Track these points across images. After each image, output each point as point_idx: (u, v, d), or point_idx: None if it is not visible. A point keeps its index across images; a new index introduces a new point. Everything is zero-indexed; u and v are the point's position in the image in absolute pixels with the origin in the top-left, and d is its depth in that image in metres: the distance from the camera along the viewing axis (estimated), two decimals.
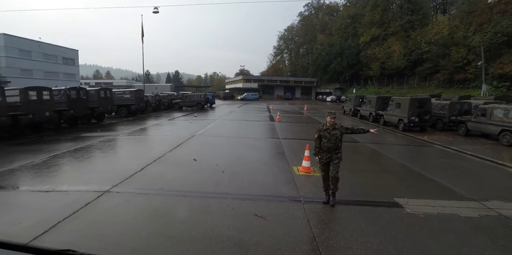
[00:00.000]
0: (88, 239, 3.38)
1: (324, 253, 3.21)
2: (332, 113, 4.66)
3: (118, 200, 4.53)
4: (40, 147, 9.35)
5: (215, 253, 3.13)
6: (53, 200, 4.58)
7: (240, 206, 4.39)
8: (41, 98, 12.58)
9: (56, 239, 3.37)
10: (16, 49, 42.91)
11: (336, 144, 4.61)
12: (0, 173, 6.24)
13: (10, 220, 3.91)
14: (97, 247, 3.19)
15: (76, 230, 3.59)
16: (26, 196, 4.86)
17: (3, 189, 5.21)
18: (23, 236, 3.38)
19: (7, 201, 4.66)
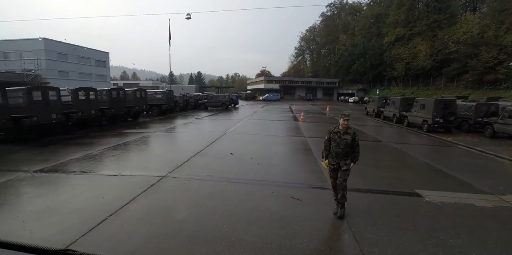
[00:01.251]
0: (162, 211, 4.29)
1: (353, 227, 3.90)
2: (346, 115, 4.25)
3: (176, 183, 5.46)
4: (91, 141, 10.60)
5: (265, 223, 3.92)
6: (123, 182, 5.58)
7: (279, 191, 5.16)
8: (88, 98, 14.03)
9: (135, 209, 4.31)
10: (54, 53, 46.15)
11: (345, 150, 4.21)
12: (69, 161, 7.41)
13: (95, 195, 4.91)
14: (170, 217, 4.08)
15: (150, 203, 4.52)
16: (99, 178, 5.90)
17: (78, 173, 6.30)
18: (110, 207, 4.34)
19: (85, 182, 5.71)
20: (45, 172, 6.40)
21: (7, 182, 5.73)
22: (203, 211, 4.25)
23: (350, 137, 4.19)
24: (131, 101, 17.80)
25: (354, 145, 4.24)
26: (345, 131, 4.23)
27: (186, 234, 3.59)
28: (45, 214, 4.15)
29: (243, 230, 3.75)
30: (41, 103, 11.28)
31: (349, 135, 4.20)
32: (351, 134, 4.21)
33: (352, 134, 4.22)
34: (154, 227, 3.73)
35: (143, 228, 3.71)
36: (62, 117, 12.22)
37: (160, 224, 3.83)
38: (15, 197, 4.95)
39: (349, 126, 4.29)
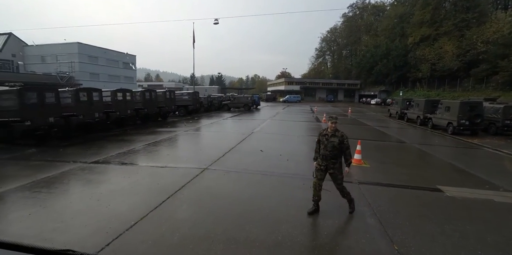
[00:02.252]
0: (211, 196, 5.01)
1: (378, 213, 4.41)
2: (333, 118, 4.33)
3: (217, 174, 6.19)
4: (130, 138, 11.63)
5: (301, 207, 4.53)
6: (171, 172, 6.38)
7: (309, 182, 5.71)
8: (125, 99, 15.21)
9: (188, 194, 5.05)
10: (86, 56, 48.97)
11: (332, 152, 4.23)
12: (117, 155, 8.35)
13: (150, 182, 5.73)
14: (218, 201, 4.77)
15: (199, 190, 5.26)
16: (148, 169, 6.74)
17: (129, 164, 7.18)
18: (166, 191, 5.11)
19: (137, 171, 6.55)
20: (99, 163, 7.34)
21: (70, 171, 6.68)
22: (245, 197, 4.94)
23: (337, 139, 4.20)
24: (161, 102, 18.94)
25: (343, 148, 4.22)
26: (333, 133, 4.26)
27: (235, 213, 4.27)
28: (114, 195, 4.98)
29: (284, 212, 4.39)
30: (86, 103, 12.50)
31: (337, 137, 4.21)
32: (339, 136, 4.22)
33: (340, 137, 4.22)
34: (207, 208, 4.44)
35: (199, 208, 4.44)
36: (103, 116, 13.41)
37: (212, 206, 4.53)
38: (83, 182, 5.85)
39: (338, 129, 4.32)
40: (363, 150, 7.83)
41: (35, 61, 47.52)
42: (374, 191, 5.48)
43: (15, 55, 46.18)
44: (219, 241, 3.46)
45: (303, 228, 3.86)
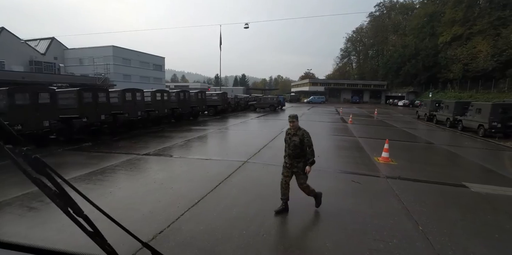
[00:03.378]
0: (255, 183, 5.78)
1: (405, 202, 4.95)
2: (291, 117, 4.29)
3: (257, 166, 6.97)
4: (170, 135, 12.71)
5: (336, 195, 5.18)
6: (216, 164, 7.24)
7: (341, 176, 6.37)
8: (163, 99, 16.46)
9: (235, 181, 5.86)
10: (120, 58, 51.88)
11: (295, 151, 4.25)
12: (164, 148, 9.38)
13: (200, 171, 6.61)
14: (262, 188, 5.52)
15: (244, 178, 6.07)
16: (196, 161, 7.65)
17: (177, 157, 8.14)
18: (216, 178, 5.94)
19: (186, 162, 7.47)
20: (150, 155, 8.37)
21: (128, 161, 7.73)
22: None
23: (298, 138, 4.20)
24: (193, 102, 20.13)
25: (304, 147, 4.21)
26: (295, 132, 4.26)
27: (278, 198, 4.99)
28: (173, 180, 5.88)
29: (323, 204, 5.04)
30: (130, 103, 13.80)
31: (298, 136, 4.21)
32: (299, 135, 4.21)
33: (301, 136, 4.20)
34: (254, 193, 5.22)
35: (247, 193, 5.23)
36: (144, 115, 14.68)
37: (258, 192, 5.30)
38: (142, 170, 6.84)
39: (300, 128, 4.31)
40: (390, 149, 8.26)
41: (74, 64, 51.00)
42: (401, 185, 5.98)
43: (56, 58, 49.74)
44: (270, 217, 4.21)
45: (336, 217, 4.52)
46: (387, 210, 4.63)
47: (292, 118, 4.27)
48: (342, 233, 3.83)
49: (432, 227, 4.03)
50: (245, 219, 4.11)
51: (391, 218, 4.29)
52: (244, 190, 5.39)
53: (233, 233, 3.72)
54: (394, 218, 4.30)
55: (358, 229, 3.95)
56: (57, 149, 9.54)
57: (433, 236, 3.76)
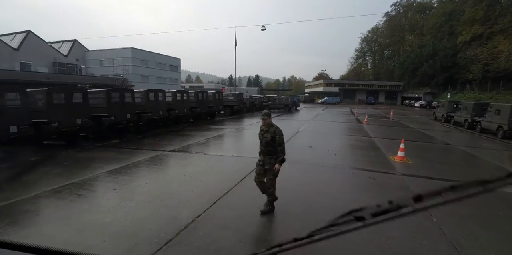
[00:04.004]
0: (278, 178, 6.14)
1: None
2: (263, 114, 4.27)
3: None
4: (190, 133, 13.30)
5: (353, 189, 5.52)
6: (239, 160, 7.70)
7: (358, 173, 6.69)
8: (182, 99, 17.12)
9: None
10: (138, 59, 53.43)
11: (267, 148, 4.27)
12: (187, 146, 9.93)
13: (225, 166, 7.12)
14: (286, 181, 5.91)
15: None
16: (220, 157, 8.15)
17: (201, 153, 8.66)
18: (241, 172, 6.39)
19: (211, 159, 7.97)
20: (176, 152, 8.92)
21: (156, 156, 8.29)
22: (307, 180, 6.06)
23: (270, 135, 4.19)
24: (211, 102, 20.74)
25: (276, 144, 4.22)
26: (267, 129, 4.26)
27: (302, 189, 5.40)
28: (201, 174, 6.37)
29: (339, 191, 5.42)
30: (153, 103, 14.49)
31: (270, 133, 4.20)
32: (271, 132, 4.20)
33: (273, 133, 4.19)
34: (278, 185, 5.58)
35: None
36: (166, 114, 15.36)
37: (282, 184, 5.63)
38: (171, 164, 7.39)
39: (272, 125, 4.29)
40: (406, 149, 8.46)
41: (94, 65, 52.85)
42: (416, 181, 6.25)
43: (78, 60, 51.67)
44: (296, 205, 4.64)
45: (359, 203, 4.88)
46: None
47: (264, 115, 4.24)
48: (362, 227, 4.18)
49: (445, 219, 4.32)
50: (275, 207, 4.53)
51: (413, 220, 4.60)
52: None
53: (261, 219, 4.15)
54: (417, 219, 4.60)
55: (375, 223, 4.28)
56: (88, 145, 10.25)
57: (446, 226, 4.06)
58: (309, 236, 0.64)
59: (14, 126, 8.34)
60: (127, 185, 5.68)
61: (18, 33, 41.44)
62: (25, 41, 39.91)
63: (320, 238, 0.63)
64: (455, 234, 3.83)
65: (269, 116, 4.29)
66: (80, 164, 7.58)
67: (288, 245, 0.66)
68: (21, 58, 37.90)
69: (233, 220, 4.08)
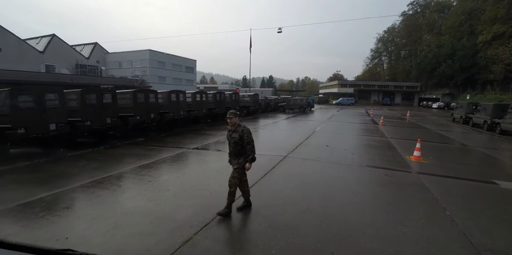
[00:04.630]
0: (297, 174, 6.60)
1: (434, 192, 5.51)
2: (229, 113, 4.20)
3: (296, 160, 7.79)
4: (210, 132, 13.86)
5: (370, 184, 5.86)
6: (259, 158, 7.93)
7: (374, 170, 7.01)
8: (202, 100, 17.75)
9: (279, 171, 6.71)
10: (155, 61, 54.88)
11: (235, 148, 4.21)
12: (208, 144, 10.47)
13: None
14: (304, 177, 6.32)
15: (286, 169, 6.93)
16: None
17: (224, 151, 9.16)
18: (263, 169, 6.82)
19: None
20: (199, 149, 9.47)
21: (182, 153, 8.86)
22: (324, 177, 6.44)
23: (238, 135, 4.15)
24: (228, 103, 21.32)
25: (244, 144, 4.16)
26: (235, 129, 4.21)
27: (320, 185, 5.79)
28: (225, 170, 6.81)
29: (356, 186, 5.77)
30: (175, 103, 15.17)
31: (237, 133, 4.16)
32: (239, 132, 4.15)
33: (240, 132, 4.15)
34: (298, 181, 6.06)
35: (291, 181, 6.08)
36: (186, 114, 16.02)
37: (301, 180, 6.13)
38: (196, 160, 7.93)
39: (240, 125, 4.24)
40: (422, 149, 8.66)
41: (113, 67, 54.62)
42: (431, 180, 6.50)
43: (99, 61, 53.54)
44: (314, 199, 5.02)
45: (375, 198, 5.23)
46: (418, 198, 5.24)
47: (230, 114, 4.16)
48: (377, 213, 4.54)
49: (458, 213, 4.61)
50: (294, 199, 4.97)
51: (420, 204, 4.92)
52: (289, 178, 6.24)
53: (287, 208, 4.58)
54: (423, 204, 4.93)
55: (391, 211, 4.63)
56: (117, 143, 10.95)
57: (459, 219, 4.35)
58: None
59: (53, 124, 9.12)
60: (160, 178, 6.24)
61: (43, 37, 43.59)
62: (50, 44, 41.86)
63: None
64: (466, 226, 4.13)
65: (236, 116, 4.19)
66: (113, 159, 8.23)
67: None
68: (46, 60, 39.73)
69: (261, 209, 4.53)
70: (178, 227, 3.83)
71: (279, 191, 5.33)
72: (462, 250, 3.47)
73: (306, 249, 3.39)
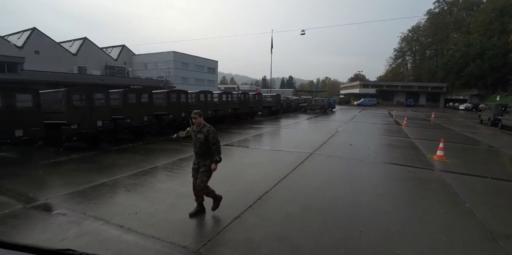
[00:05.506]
0: (324, 169, 7.17)
1: (454, 186, 5.87)
2: (194, 113, 4.09)
3: (322, 157, 8.34)
4: (237, 131, 14.60)
5: (394, 180, 6.31)
6: (288, 154, 8.77)
7: (397, 167, 7.43)
8: (227, 100, 18.58)
9: (308, 165, 7.30)
10: (179, 62, 56.69)
11: (201, 149, 4.08)
12: (238, 141, 11.19)
13: (278, 158, 8.21)
14: (331, 171, 6.86)
15: (314, 164, 7.52)
16: (271, 151, 9.30)
17: (253, 148, 9.85)
18: (293, 163, 7.42)
19: (264, 152, 9.12)
20: (230, 146, 10.20)
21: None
22: (350, 171, 6.97)
23: (203, 135, 4.04)
24: (252, 103, 22.06)
25: (210, 144, 4.05)
26: (200, 129, 4.09)
27: (347, 178, 6.32)
28: (258, 164, 7.52)
29: (379, 180, 6.24)
30: (203, 103, 16.06)
31: (203, 133, 4.05)
32: (204, 132, 4.04)
33: (206, 132, 4.03)
34: (325, 174, 6.62)
35: (319, 174, 6.65)
36: (213, 114, 16.89)
37: (328, 174, 6.68)
38: (230, 156, 8.64)
39: (205, 125, 4.12)
40: (447, 150, 8.87)
41: (139, 68, 56.92)
42: (453, 177, 6.80)
43: (126, 63, 55.97)
44: (342, 189, 5.57)
45: (398, 191, 5.70)
46: (439, 192, 5.64)
47: (195, 114, 4.07)
48: (400, 203, 5.01)
49: (478, 206, 4.97)
50: (323, 189, 5.54)
51: (441, 197, 5.33)
52: (316, 172, 6.81)
53: (317, 196, 5.16)
54: (444, 198, 5.33)
55: (413, 202, 5.09)
56: (152, 139, 11.92)
57: (478, 211, 4.73)
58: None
59: (100, 121, 10.16)
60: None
61: (76, 40, 46.38)
62: (82, 47, 44.50)
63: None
64: (484, 216, 4.52)
65: (200, 116, 4.12)
66: (154, 153, 9.13)
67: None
68: (78, 62, 42.27)
69: (294, 196, 5.13)
70: (227, 207, 4.50)
71: (308, 182, 5.91)
72: (478, 235, 3.90)
73: (338, 227, 3.97)
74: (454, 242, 3.66)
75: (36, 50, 36.51)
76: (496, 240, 3.75)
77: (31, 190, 5.47)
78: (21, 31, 38.21)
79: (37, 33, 37.22)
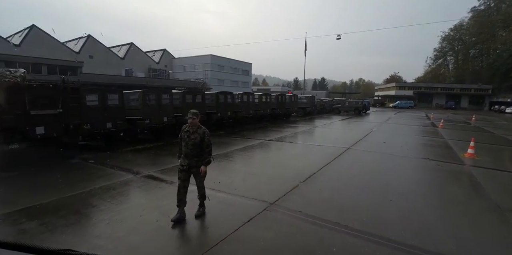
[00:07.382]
0: (360, 162, 8.31)
1: (480, 179, 6.74)
2: (191, 113, 4.06)
3: (358, 152, 9.47)
4: (276, 129, 16.00)
5: (421, 171, 7.34)
6: (327, 148, 10.00)
7: (428, 161, 8.36)
8: (266, 101, 20.09)
9: (345, 159, 8.49)
10: (216, 65, 59.47)
11: (194, 151, 4.04)
12: (279, 137, 12.57)
13: (318, 151, 9.48)
14: (365, 165, 8.00)
15: (350, 158, 8.69)
16: (310, 146, 10.58)
17: (293, 142, 11.18)
18: (331, 156, 8.64)
19: (303, 146, 10.43)
20: (273, 141, 11.63)
21: (261, 143, 11.06)
22: (384, 165, 8.05)
23: (199, 136, 4.03)
24: (288, 104, 23.37)
25: (204, 146, 4.06)
26: (195, 130, 4.07)
27: (381, 170, 7.45)
28: (303, 154, 8.86)
29: (410, 171, 7.29)
30: (245, 103, 17.70)
31: (198, 134, 4.04)
32: (200, 133, 4.04)
33: (201, 134, 4.05)
34: (361, 166, 7.79)
35: (356, 165, 7.84)
36: (254, 113, 18.48)
37: (364, 166, 7.83)
38: (276, 148, 10.08)
39: (200, 126, 4.13)
40: (480, 150, 9.52)
41: (179, 70, 60.52)
42: (479, 170, 7.56)
43: (166, 66, 59.81)
44: (377, 175, 6.73)
45: (426, 179, 6.75)
46: (462, 180, 6.59)
47: (192, 115, 4.05)
48: (428, 188, 6.07)
49: (496, 192, 5.85)
50: (359, 175, 6.76)
51: (466, 186, 6.29)
52: (353, 163, 8.01)
53: (354, 178, 6.40)
54: (469, 187, 6.29)
55: (440, 188, 6.13)
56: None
57: (495, 196, 5.62)
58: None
59: (166, 117, 12.07)
60: (255, 157, 8.53)
61: (123, 45, 50.88)
62: (129, 51, 48.74)
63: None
64: (500, 198, 5.44)
65: (197, 116, 4.10)
66: (219, 143, 10.79)
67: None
68: (125, 65, 46.34)
69: (333, 182, 6.35)
70: (283, 183, 5.92)
71: (347, 169, 7.15)
72: (490, 211, 4.91)
73: (373, 197, 5.22)
74: (467, 212, 4.75)
75: (90, 55, 40.97)
76: (504, 213, 4.76)
77: (132, 166, 7.29)
78: (77, 37, 43.10)
79: (92, 40, 41.75)
